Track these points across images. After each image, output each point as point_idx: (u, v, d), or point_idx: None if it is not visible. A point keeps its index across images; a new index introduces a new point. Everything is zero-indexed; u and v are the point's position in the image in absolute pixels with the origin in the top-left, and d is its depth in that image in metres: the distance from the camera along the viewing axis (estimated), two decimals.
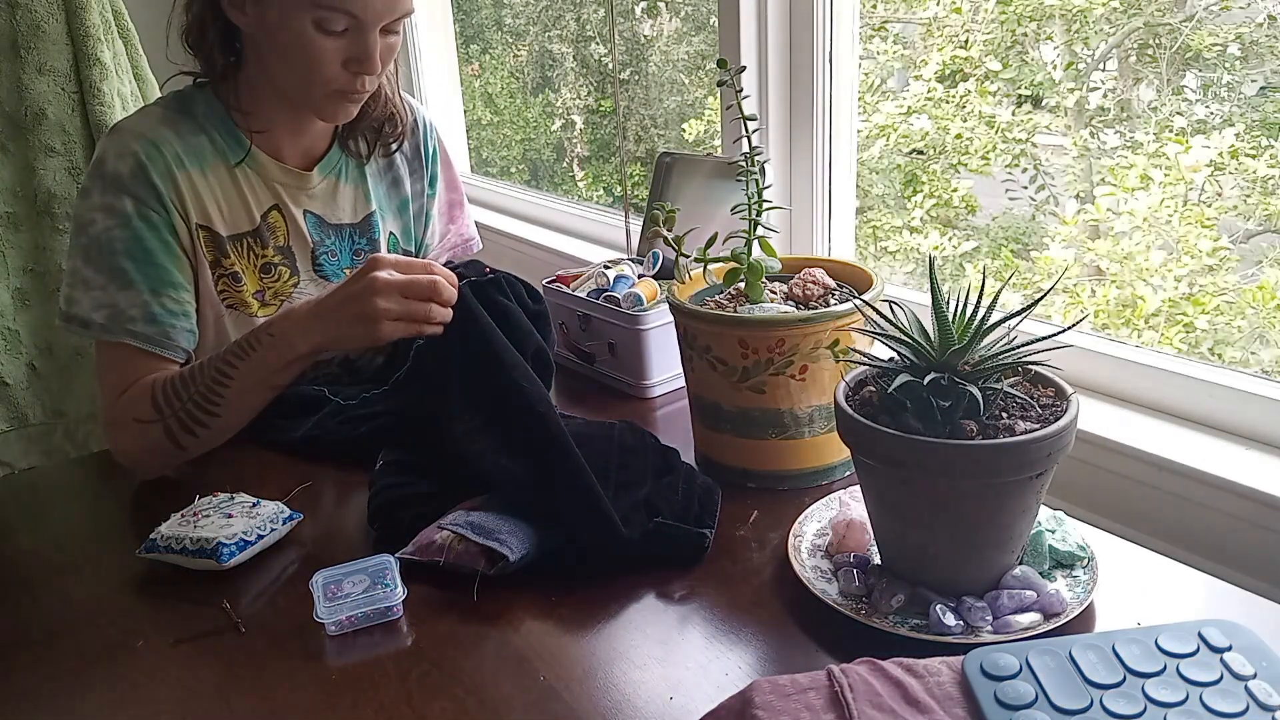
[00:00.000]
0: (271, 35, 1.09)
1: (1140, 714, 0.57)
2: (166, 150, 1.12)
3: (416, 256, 1.34)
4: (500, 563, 0.82)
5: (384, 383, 1.14)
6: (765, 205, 0.95)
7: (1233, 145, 1.68)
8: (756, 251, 0.96)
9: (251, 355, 1.04)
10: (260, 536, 0.89)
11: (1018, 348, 0.73)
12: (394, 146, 1.30)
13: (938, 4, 2.26)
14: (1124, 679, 0.60)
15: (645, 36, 3.05)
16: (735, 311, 0.94)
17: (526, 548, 0.84)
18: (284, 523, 0.92)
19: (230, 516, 0.90)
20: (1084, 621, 0.74)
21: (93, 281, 1.10)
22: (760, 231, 0.96)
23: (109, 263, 1.10)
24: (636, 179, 2.84)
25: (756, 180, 0.95)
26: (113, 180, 1.10)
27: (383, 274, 0.98)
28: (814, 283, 0.97)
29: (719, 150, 1.63)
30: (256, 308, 1.19)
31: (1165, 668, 0.60)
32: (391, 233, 1.32)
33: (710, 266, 0.98)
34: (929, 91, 2.26)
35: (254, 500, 0.93)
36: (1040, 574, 0.76)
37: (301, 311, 1.04)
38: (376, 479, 0.96)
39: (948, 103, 2.24)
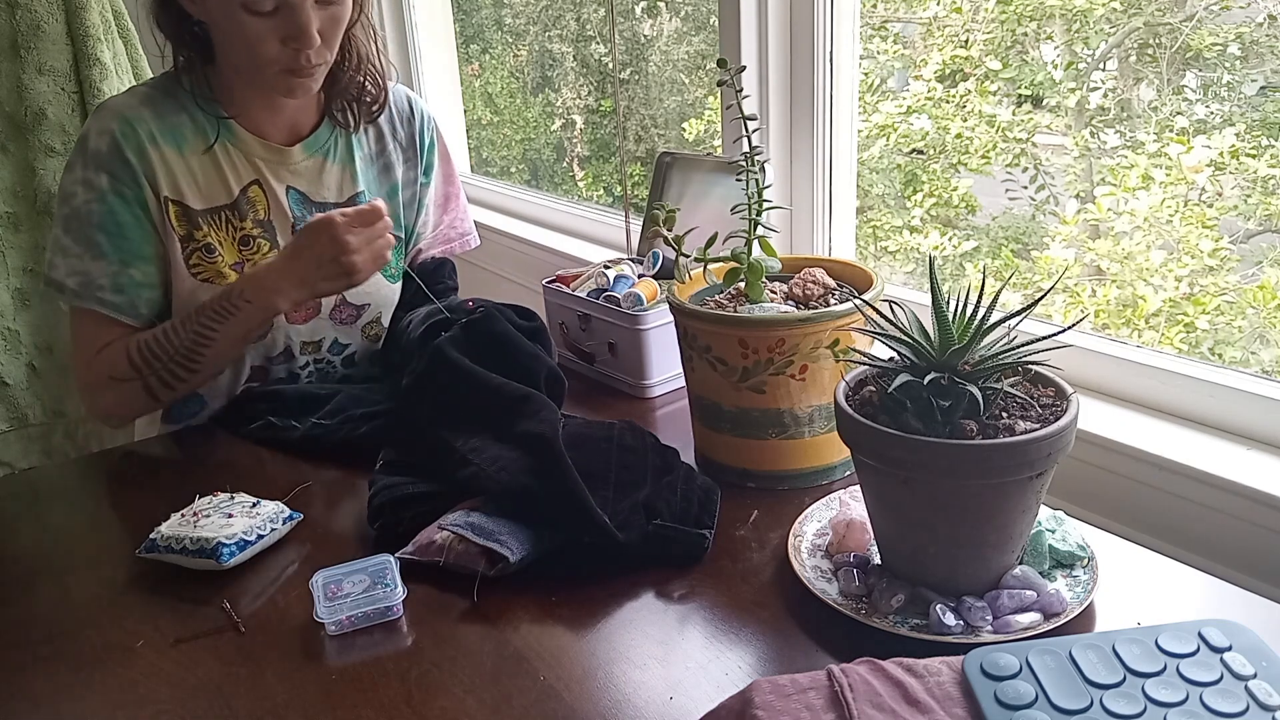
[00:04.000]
0: (215, 22, 1.13)
1: (1140, 714, 0.57)
2: (141, 128, 1.16)
3: (407, 243, 1.36)
4: (500, 564, 0.82)
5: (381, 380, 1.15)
6: (765, 205, 0.95)
7: (1233, 145, 1.68)
8: (756, 251, 0.96)
9: (231, 318, 1.12)
10: (260, 536, 0.89)
11: (1018, 347, 0.73)
12: (376, 111, 1.29)
13: (938, 4, 2.26)
14: (1124, 679, 0.60)
15: (645, 36, 3.05)
16: (735, 311, 0.94)
17: (526, 549, 0.84)
18: (284, 522, 0.92)
19: (230, 516, 0.90)
20: (1084, 621, 0.74)
21: (70, 250, 1.16)
22: (760, 231, 0.96)
23: (85, 234, 1.16)
24: (636, 179, 2.83)
25: (757, 180, 0.94)
26: (93, 156, 1.15)
27: (337, 219, 1.09)
28: (814, 282, 0.97)
29: (719, 150, 1.63)
30: (233, 279, 1.19)
31: (1165, 668, 0.60)
32: None
33: (710, 266, 0.98)
34: (929, 91, 2.26)
35: (254, 500, 0.93)
36: (1040, 574, 0.76)
37: (273, 276, 1.12)
38: (376, 479, 0.96)
39: (948, 102, 2.23)
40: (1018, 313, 0.74)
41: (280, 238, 1.23)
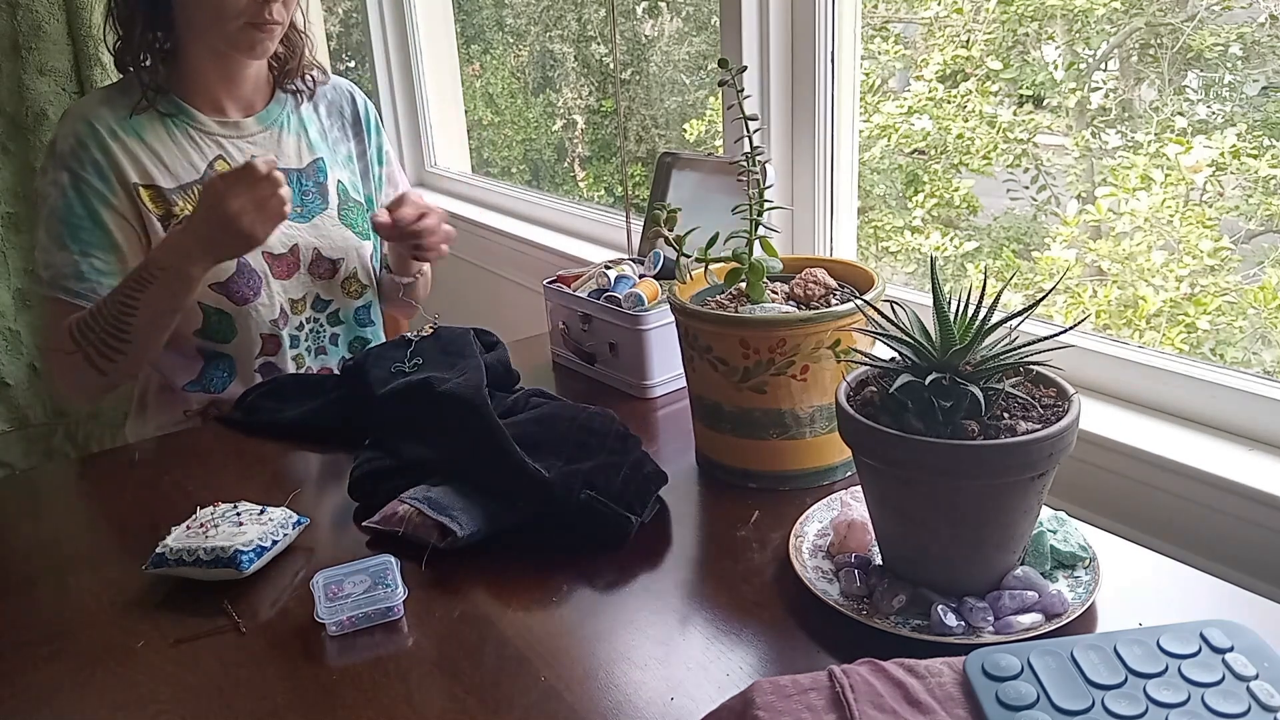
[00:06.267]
0: None
1: (1142, 715, 0.57)
2: (101, 125, 1.25)
3: (370, 210, 1.45)
4: (450, 537, 0.86)
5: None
6: (766, 205, 0.95)
7: (1234, 145, 1.68)
8: (758, 251, 0.96)
9: (149, 288, 1.17)
10: (275, 542, 0.89)
11: (1019, 348, 0.73)
12: (320, 82, 1.42)
13: (939, 4, 2.26)
14: (1125, 680, 0.60)
15: (646, 36, 3.05)
16: (736, 311, 0.94)
17: (477, 525, 0.88)
18: (294, 527, 0.92)
19: (240, 525, 0.89)
20: (1085, 622, 0.74)
21: (44, 245, 1.25)
22: (761, 231, 0.96)
23: (53, 229, 1.25)
24: (637, 179, 2.83)
25: (758, 180, 0.94)
26: (58, 158, 1.25)
27: (220, 184, 1.13)
28: (815, 283, 0.97)
29: (720, 150, 1.63)
30: None
31: (1167, 668, 0.60)
32: (340, 180, 1.41)
33: (711, 266, 0.98)
34: (930, 91, 2.26)
35: (260, 507, 0.93)
36: (1042, 574, 0.76)
37: (180, 241, 1.17)
38: (359, 454, 1.01)
39: (949, 103, 2.23)
40: (1019, 313, 0.74)
41: None
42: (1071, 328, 0.76)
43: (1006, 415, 0.73)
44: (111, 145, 1.25)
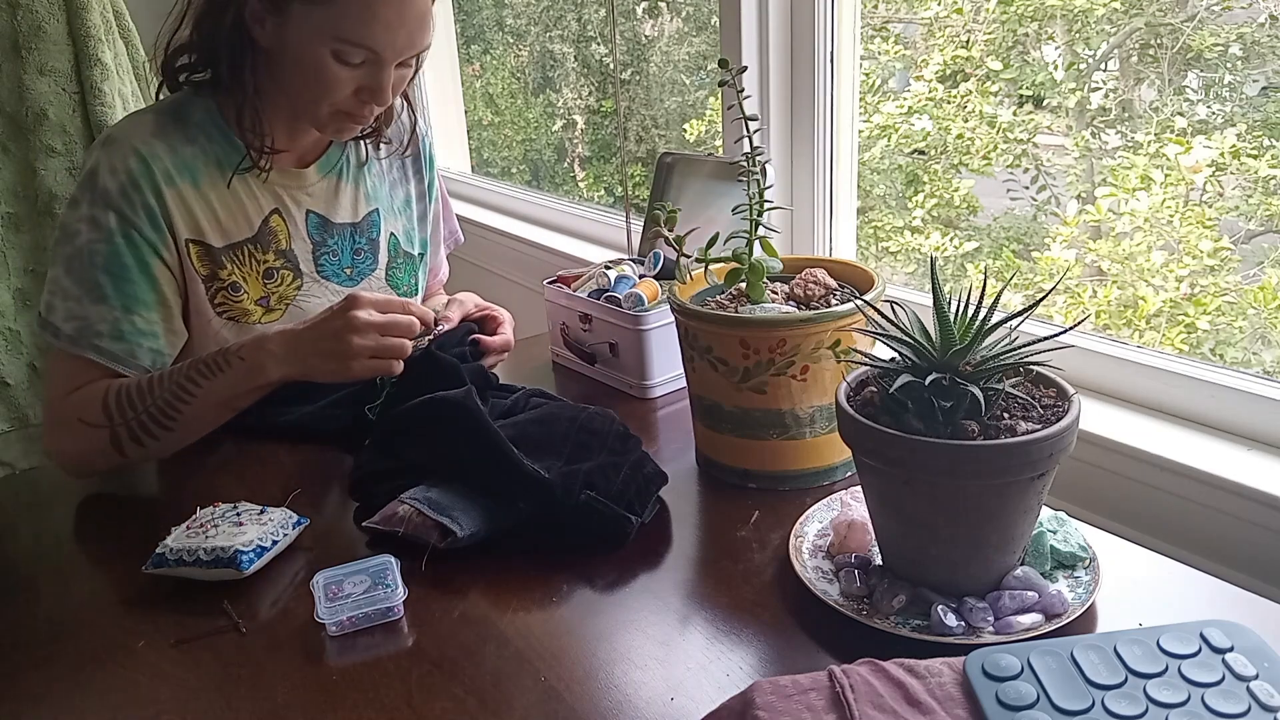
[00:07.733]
0: (288, 54, 1.08)
1: (1142, 715, 0.57)
2: (157, 166, 1.11)
3: (419, 258, 1.35)
4: (450, 538, 0.86)
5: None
6: (766, 205, 0.95)
7: (1234, 145, 1.68)
8: (758, 251, 0.96)
9: (218, 376, 1.06)
10: (275, 542, 0.89)
11: (1019, 348, 0.73)
12: (392, 145, 1.30)
13: (939, 4, 2.26)
14: (1125, 680, 0.60)
15: (646, 37, 3.05)
16: (736, 312, 0.94)
17: (477, 525, 0.88)
18: (293, 527, 0.92)
19: (240, 525, 0.89)
20: (1085, 622, 0.74)
21: (69, 292, 1.09)
22: (761, 231, 0.96)
23: (86, 275, 1.09)
24: (637, 179, 2.83)
25: (758, 180, 0.94)
26: (101, 194, 1.09)
27: (362, 314, 1.04)
28: (815, 283, 0.97)
29: (720, 150, 1.63)
30: (260, 315, 1.18)
31: (1167, 668, 0.60)
32: (392, 233, 1.30)
33: (711, 267, 0.98)
34: (930, 91, 2.26)
35: (260, 507, 0.93)
36: (1042, 574, 0.76)
37: (276, 340, 1.07)
38: (360, 455, 1.01)
39: (949, 103, 2.23)
40: (1019, 313, 0.74)
41: (302, 265, 1.21)
42: (1071, 328, 0.76)
43: (1006, 415, 0.73)
44: (165, 190, 1.11)
